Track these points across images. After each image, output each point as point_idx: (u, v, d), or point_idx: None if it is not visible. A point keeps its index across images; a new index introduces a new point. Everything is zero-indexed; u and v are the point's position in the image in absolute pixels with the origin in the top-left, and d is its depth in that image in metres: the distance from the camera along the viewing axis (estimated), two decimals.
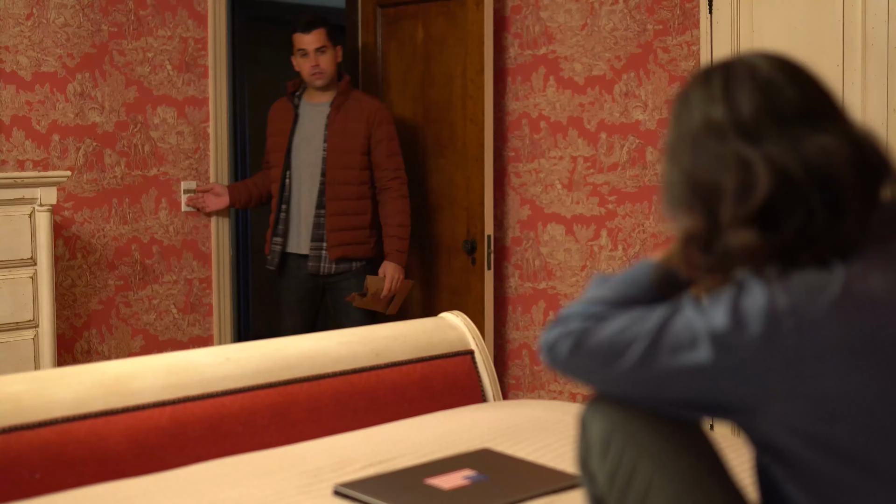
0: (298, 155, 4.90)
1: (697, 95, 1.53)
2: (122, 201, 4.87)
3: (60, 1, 4.63)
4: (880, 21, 3.67)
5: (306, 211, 4.88)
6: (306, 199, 4.88)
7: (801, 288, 1.40)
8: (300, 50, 4.87)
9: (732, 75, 1.52)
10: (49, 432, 2.43)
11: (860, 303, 1.40)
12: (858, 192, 1.45)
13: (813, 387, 1.41)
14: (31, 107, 4.57)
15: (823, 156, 1.45)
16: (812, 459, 1.43)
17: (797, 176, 1.42)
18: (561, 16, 5.03)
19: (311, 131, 4.91)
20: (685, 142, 1.52)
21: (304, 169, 4.89)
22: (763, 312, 1.40)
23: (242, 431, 2.71)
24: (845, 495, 1.43)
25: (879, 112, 3.68)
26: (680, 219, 1.53)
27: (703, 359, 1.42)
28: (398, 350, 3.13)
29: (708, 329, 1.43)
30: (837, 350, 1.39)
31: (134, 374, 2.66)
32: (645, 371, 1.48)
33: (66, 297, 4.69)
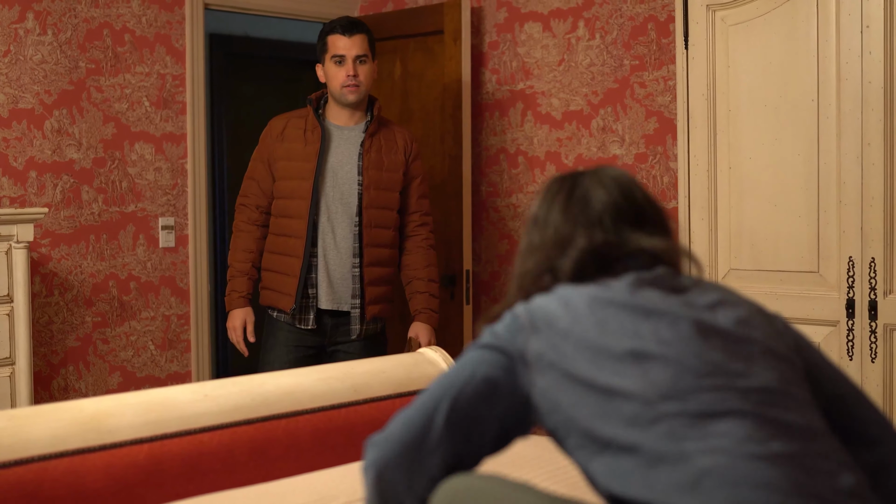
0: (328, 189, 4.16)
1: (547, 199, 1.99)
2: (100, 238, 4.86)
3: (38, 38, 4.63)
4: (854, 56, 3.70)
5: (343, 259, 4.17)
6: (343, 245, 4.17)
7: (537, 303, 1.84)
8: (335, 56, 4.16)
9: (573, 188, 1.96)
10: (25, 471, 2.41)
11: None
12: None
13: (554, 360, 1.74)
14: (8, 143, 4.56)
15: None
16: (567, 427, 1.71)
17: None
18: (538, 51, 5.06)
19: (340, 160, 4.19)
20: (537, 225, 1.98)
21: (338, 206, 4.17)
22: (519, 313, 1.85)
23: (221, 468, 2.69)
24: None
25: (854, 146, 3.70)
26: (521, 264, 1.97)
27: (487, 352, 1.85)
28: (377, 386, 3.12)
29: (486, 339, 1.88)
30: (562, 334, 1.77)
31: (111, 411, 2.64)
32: (455, 419, 1.78)
33: (43, 334, 4.67)
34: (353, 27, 4.18)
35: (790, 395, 1.67)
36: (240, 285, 4.25)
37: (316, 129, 4.18)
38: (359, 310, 4.17)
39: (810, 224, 3.84)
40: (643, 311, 1.74)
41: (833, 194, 3.78)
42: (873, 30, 3.66)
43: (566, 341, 1.72)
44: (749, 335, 1.73)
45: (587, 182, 1.92)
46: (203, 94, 5.23)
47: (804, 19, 3.83)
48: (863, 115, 3.69)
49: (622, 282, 1.79)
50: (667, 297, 1.77)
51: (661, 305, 1.75)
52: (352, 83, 4.14)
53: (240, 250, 4.27)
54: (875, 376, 3.69)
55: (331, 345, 4.23)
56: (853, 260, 3.73)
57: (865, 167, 3.69)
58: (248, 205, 4.28)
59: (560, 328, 1.74)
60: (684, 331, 1.70)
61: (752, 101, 3.98)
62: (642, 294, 1.77)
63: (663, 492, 1.54)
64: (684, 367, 1.65)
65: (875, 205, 3.67)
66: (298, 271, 4.12)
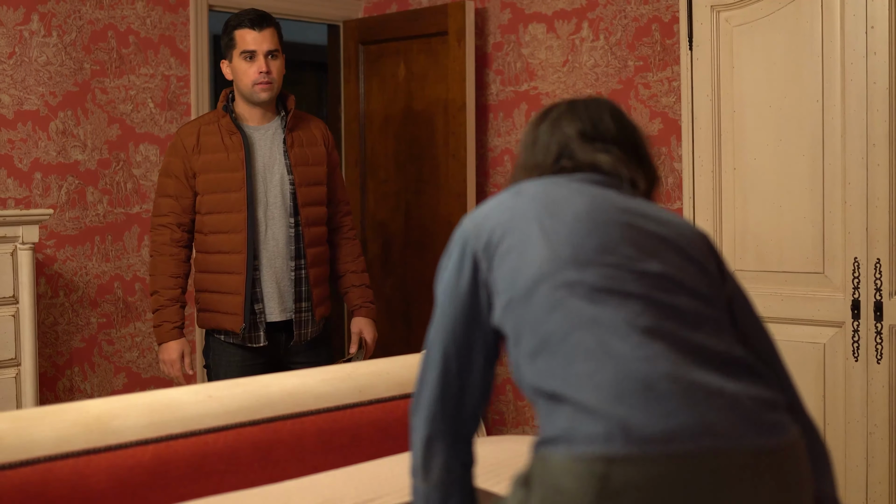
0: (261, 195, 3.93)
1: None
2: (105, 239, 4.86)
3: (42, 39, 4.64)
4: (859, 56, 3.69)
5: (282, 264, 3.96)
6: (285, 250, 3.96)
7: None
8: (245, 52, 3.89)
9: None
10: (31, 472, 2.42)
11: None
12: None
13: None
14: (14, 145, 4.57)
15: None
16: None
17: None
18: (542, 52, 5.06)
19: (266, 163, 3.95)
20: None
21: (274, 210, 3.95)
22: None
23: (225, 470, 2.69)
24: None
25: (859, 147, 3.70)
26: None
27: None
28: (381, 386, 3.12)
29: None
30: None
31: (116, 412, 2.64)
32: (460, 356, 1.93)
33: (49, 335, 4.67)
34: (262, 20, 3.92)
35: (685, 286, 1.78)
36: (171, 315, 3.92)
37: (234, 133, 3.90)
38: (309, 313, 3.99)
39: (815, 225, 3.84)
40: (567, 195, 1.89)
41: (838, 195, 3.77)
42: (878, 30, 3.65)
43: (502, 231, 1.87)
44: (661, 233, 1.84)
45: (562, 109, 2.08)
46: (207, 96, 5.23)
47: (808, 20, 3.82)
48: (867, 115, 3.68)
49: (567, 179, 1.96)
50: (600, 192, 1.91)
51: (587, 197, 1.88)
52: (264, 80, 3.88)
53: (165, 276, 3.92)
54: (881, 377, 3.68)
55: (285, 355, 4.02)
56: (858, 261, 3.72)
57: (870, 168, 3.68)
58: (168, 224, 3.93)
59: (497, 220, 1.89)
60: (600, 217, 1.83)
61: (756, 102, 3.97)
62: (576, 186, 1.92)
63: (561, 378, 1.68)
64: (586, 243, 1.79)
65: (880, 205, 3.67)
66: (243, 288, 3.87)
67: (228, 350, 3.96)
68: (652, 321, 1.69)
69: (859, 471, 3.75)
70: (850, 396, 3.76)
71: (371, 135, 5.56)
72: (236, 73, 3.94)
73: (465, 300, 1.89)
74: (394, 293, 5.37)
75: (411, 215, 5.37)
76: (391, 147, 5.45)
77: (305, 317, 3.99)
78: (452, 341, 1.91)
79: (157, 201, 3.99)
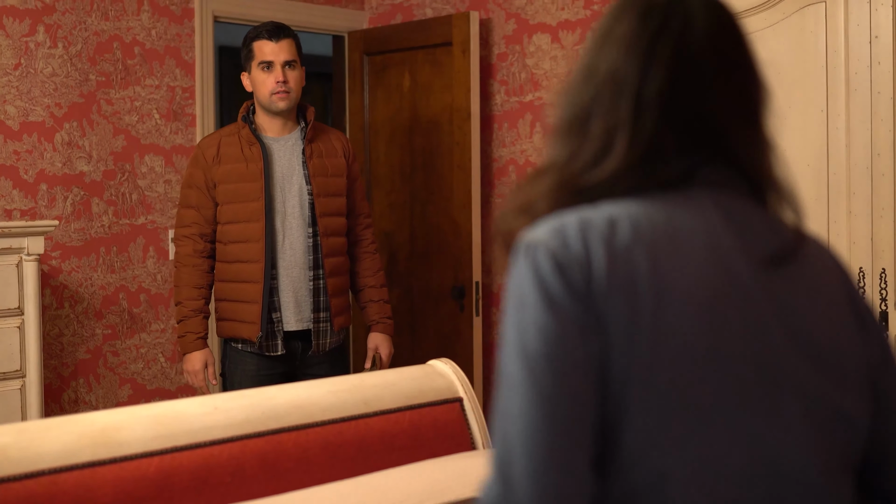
0: (279, 204, 3.99)
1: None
2: (110, 250, 4.87)
3: (48, 51, 4.65)
4: (863, 66, 3.70)
5: (299, 274, 4.00)
6: (302, 260, 3.99)
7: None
8: (262, 63, 3.98)
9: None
10: (36, 484, 2.42)
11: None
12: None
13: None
14: (19, 156, 4.58)
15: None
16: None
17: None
18: (547, 63, 5.06)
19: (285, 173, 4.01)
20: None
21: (292, 220, 4.00)
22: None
23: (231, 481, 2.69)
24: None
25: (863, 157, 3.70)
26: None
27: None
28: (387, 398, 3.12)
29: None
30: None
31: (121, 424, 2.64)
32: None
33: (54, 347, 4.67)
34: (279, 31, 4.01)
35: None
36: (195, 325, 4.00)
37: (254, 144, 3.98)
38: (328, 323, 4.03)
39: (820, 235, 3.83)
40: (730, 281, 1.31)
41: (843, 205, 3.77)
42: (882, 40, 3.65)
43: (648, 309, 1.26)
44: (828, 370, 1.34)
45: (677, 7, 1.39)
46: (212, 107, 5.24)
47: (813, 30, 3.83)
48: (872, 125, 3.68)
49: (710, 219, 1.33)
50: (752, 266, 1.33)
51: (744, 279, 1.31)
52: (281, 89, 3.95)
53: (189, 287, 4.01)
54: None
55: (301, 367, 4.07)
56: (863, 271, 3.72)
57: (875, 178, 3.68)
58: (191, 235, 4.02)
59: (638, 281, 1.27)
60: (765, 336, 1.30)
61: None
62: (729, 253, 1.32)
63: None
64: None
65: (885, 216, 3.66)
66: (260, 296, 3.92)
67: (245, 359, 4.03)
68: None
69: None
70: None
71: (376, 145, 5.56)
72: (255, 83, 4.02)
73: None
74: (400, 304, 5.37)
75: (416, 226, 5.37)
76: (396, 157, 5.46)
77: (324, 327, 4.03)
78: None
79: (179, 212, 4.09)
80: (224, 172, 3.97)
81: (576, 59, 1.45)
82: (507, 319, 1.29)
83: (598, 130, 1.34)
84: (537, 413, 1.22)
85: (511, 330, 1.27)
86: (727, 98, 1.37)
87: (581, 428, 1.23)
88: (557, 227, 1.29)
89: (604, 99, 1.35)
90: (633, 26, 1.36)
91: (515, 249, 1.32)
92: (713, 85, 1.36)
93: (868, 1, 3.68)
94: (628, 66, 1.35)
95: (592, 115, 1.36)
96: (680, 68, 1.34)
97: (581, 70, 1.41)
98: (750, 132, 1.38)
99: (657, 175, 1.34)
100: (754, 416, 1.28)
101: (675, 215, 1.31)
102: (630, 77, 1.34)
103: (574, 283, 1.25)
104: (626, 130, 1.33)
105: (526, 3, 5.14)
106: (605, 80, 1.36)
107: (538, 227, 1.31)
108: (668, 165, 1.34)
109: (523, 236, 1.32)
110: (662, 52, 1.34)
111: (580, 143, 1.36)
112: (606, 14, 1.42)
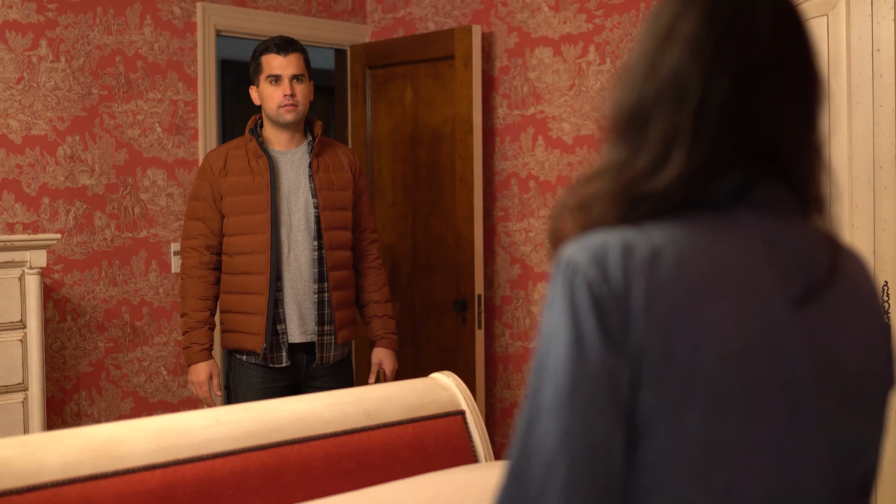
0: (285, 217, 4.02)
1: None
2: (112, 263, 4.87)
3: (51, 65, 4.66)
4: (865, 80, 3.70)
5: (304, 286, 4.03)
6: (307, 273, 4.02)
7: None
8: (270, 76, 4.02)
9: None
10: (38, 497, 2.41)
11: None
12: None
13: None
14: (22, 170, 4.58)
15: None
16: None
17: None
18: (549, 76, 5.07)
19: (291, 186, 4.04)
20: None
21: (297, 233, 4.02)
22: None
23: (233, 495, 2.69)
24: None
25: (865, 169, 3.70)
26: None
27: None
28: (389, 411, 3.12)
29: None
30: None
31: (124, 437, 2.64)
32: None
33: (56, 360, 4.67)
34: (287, 46, 4.04)
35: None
36: (200, 337, 4.02)
37: (261, 157, 4.01)
38: (332, 336, 4.04)
39: None
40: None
41: (845, 218, 3.77)
42: (884, 54, 3.66)
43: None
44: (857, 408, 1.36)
45: (744, 7, 1.34)
46: (215, 120, 5.25)
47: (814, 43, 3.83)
48: (874, 138, 3.68)
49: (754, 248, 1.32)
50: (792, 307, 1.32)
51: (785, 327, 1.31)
52: (289, 102, 3.98)
53: (194, 298, 4.04)
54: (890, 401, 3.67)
55: (305, 379, 4.08)
56: None
57: (877, 190, 3.68)
58: (197, 247, 4.05)
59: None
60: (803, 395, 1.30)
61: None
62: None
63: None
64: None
65: (887, 228, 3.66)
66: (265, 308, 3.95)
67: (249, 371, 4.05)
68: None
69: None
70: None
71: (378, 158, 5.57)
72: (263, 97, 4.06)
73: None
74: (402, 316, 5.37)
75: (419, 238, 5.37)
76: (398, 171, 5.46)
77: (328, 340, 4.04)
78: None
79: (186, 224, 4.12)
80: (231, 184, 4.00)
81: (633, 47, 1.38)
82: (539, 342, 1.28)
83: (658, 136, 1.32)
84: (562, 443, 1.22)
85: (541, 355, 1.26)
86: (788, 108, 1.34)
87: (606, 466, 1.23)
88: (598, 253, 1.27)
89: (665, 101, 1.32)
90: (699, 26, 1.32)
91: (557, 258, 1.30)
92: (775, 95, 1.33)
93: (870, 14, 3.69)
94: (692, 70, 1.31)
95: (652, 116, 1.32)
96: (744, 76, 1.31)
97: (641, 63, 1.36)
98: (804, 139, 1.36)
99: (710, 190, 1.32)
100: (779, 450, 1.29)
101: (717, 244, 1.30)
102: (693, 82, 1.31)
103: (608, 321, 1.23)
104: (686, 140, 1.30)
105: (528, 16, 5.15)
106: (667, 80, 1.32)
107: (581, 242, 1.29)
108: (723, 179, 1.32)
109: (566, 248, 1.30)
110: (728, 57, 1.31)
111: (638, 148, 1.33)
112: (667, 4, 1.36)
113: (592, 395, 1.22)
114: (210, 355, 4.05)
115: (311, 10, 5.64)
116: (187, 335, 4.05)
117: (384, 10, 5.81)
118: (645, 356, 1.23)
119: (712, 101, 1.30)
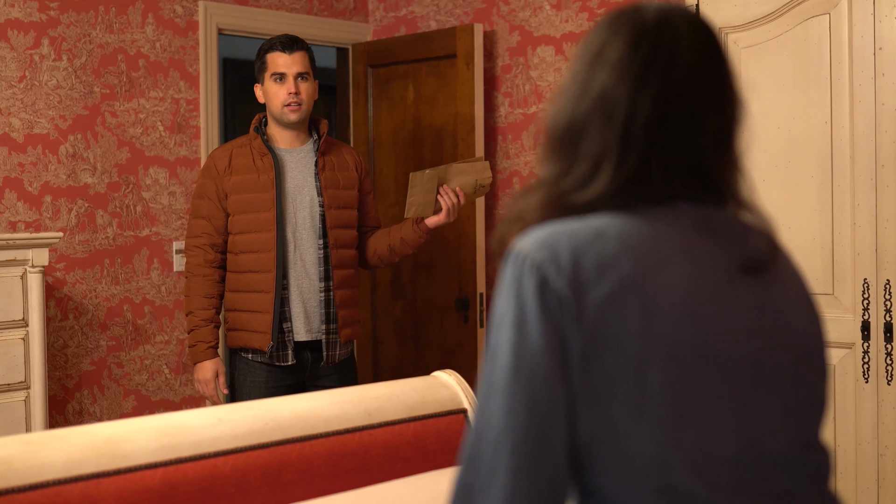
0: (291, 215, 4.01)
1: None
2: (114, 262, 4.87)
3: (53, 63, 4.66)
4: (867, 78, 3.70)
5: (309, 285, 4.02)
6: (312, 271, 4.02)
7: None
8: (275, 74, 4.01)
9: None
10: (40, 495, 2.41)
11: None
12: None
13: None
14: (24, 168, 4.58)
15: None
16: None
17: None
18: (551, 75, 5.07)
19: (297, 184, 4.04)
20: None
21: (303, 231, 4.02)
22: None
23: (234, 493, 2.69)
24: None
25: (868, 168, 3.70)
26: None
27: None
28: (391, 409, 3.12)
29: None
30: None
31: (125, 435, 2.64)
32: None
33: (58, 358, 4.68)
34: (293, 44, 4.03)
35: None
36: (205, 335, 4.02)
37: (265, 155, 4.00)
38: (335, 335, 4.04)
39: (824, 246, 3.83)
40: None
41: (847, 217, 3.77)
42: (886, 52, 3.66)
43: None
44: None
45: (665, 34, 1.44)
46: (217, 119, 5.25)
47: (817, 42, 3.83)
48: (876, 137, 3.68)
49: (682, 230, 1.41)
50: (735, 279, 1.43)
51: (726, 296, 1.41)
52: (293, 101, 3.99)
53: (199, 296, 4.03)
54: (891, 399, 3.67)
55: (310, 378, 4.08)
56: (868, 282, 3.72)
57: (879, 189, 3.68)
58: (202, 245, 4.04)
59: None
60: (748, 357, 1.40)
61: (764, 124, 3.97)
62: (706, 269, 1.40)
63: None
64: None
65: (889, 226, 3.66)
66: (272, 307, 3.94)
67: (254, 370, 4.04)
68: None
69: (870, 493, 3.73)
70: (861, 418, 3.75)
71: (380, 157, 5.57)
72: (267, 95, 4.04)
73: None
74: (404, 315, 5.37)
75: None
76: (400, 169, 5.46)
77: (333, 338, 4.04)
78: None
79: (190, 223, 4.11)
80: (236, 183, 3.99)
81: (567, 69, 1.49)
82: (489, 326, 1.36)
83: (588, 153, 1.42)
84: (507, 420, 1.30)
85: (491, 339, 1.35)
86: (709, 124, 1.45)
87: (550, 438, 1.30)
88: (546, 238, 1.36)
89: (594, 120, 1.42)
90: (625, 52, 1.42)
91: (507, 252, 1.39)
92: (697, 112, 1.43)
93: (872, 12, 3.69)
94: (619, 91, 1.41)
95: (584, 134, 1.43)
96: (667, 97, 1.41)
97: (573, 85, 1.47)
98: (726, 154, 1.50)
99: (641, 197, 1.41)
100: (742, 407, 1.38)
101: (656, 225, 1.39)
102: (620, 102, 1.40)
103: (557, 300, 1.31)
104: (613, 156, 1.40)
105: (530, 15, 5.15)
106: (597, 101, 1.42)
107: (528, 235, 1.38)
108: (652, 189, 1.41)
109: (514, 243, 1.38)
110: (651, 80, 1.41)
111: (570, 163, 1.43)
112: (597, 31, 1.48)
113: (534, 372, 1.29)
114: (216, 353, 4.05)
115: (313, 9, 5.64)
116: (192, 333, 4.05)
117: (386, 8, 5.81)
118: (598, 326, 1.31)
119: (637, 120, 1.40)
